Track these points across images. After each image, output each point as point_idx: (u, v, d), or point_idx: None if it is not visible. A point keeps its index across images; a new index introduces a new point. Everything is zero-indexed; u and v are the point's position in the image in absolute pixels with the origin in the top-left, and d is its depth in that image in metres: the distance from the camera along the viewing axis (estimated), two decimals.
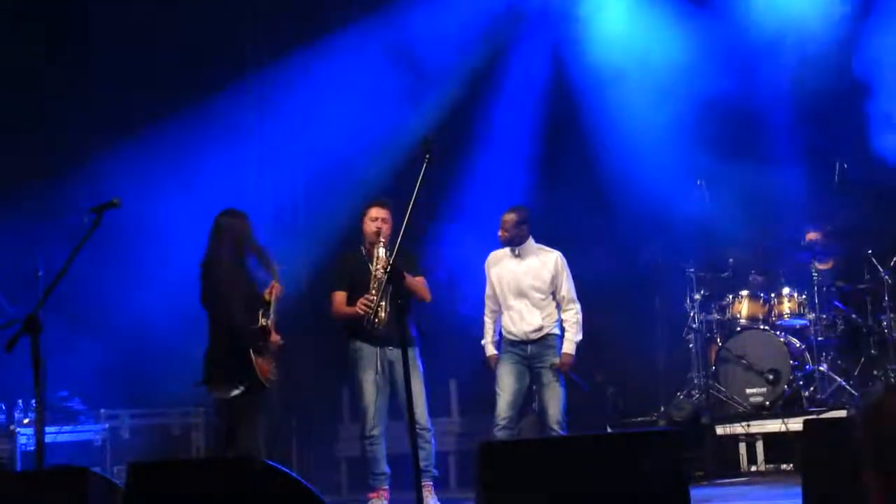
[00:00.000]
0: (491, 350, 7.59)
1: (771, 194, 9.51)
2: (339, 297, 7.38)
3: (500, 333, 7.60)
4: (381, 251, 7.16)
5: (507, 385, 7.39)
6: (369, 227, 7.32)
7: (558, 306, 7.50)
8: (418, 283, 7.35)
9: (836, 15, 9.43)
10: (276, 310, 6.90)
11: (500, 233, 7.56)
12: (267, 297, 6.88)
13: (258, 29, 10.56)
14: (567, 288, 7.49)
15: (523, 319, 7.44)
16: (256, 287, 6.95)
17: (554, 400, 7.35)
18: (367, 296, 7.15)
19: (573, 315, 7.46)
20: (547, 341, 7.43)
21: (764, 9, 9.63)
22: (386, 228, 7.26)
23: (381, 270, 7.03)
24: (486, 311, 7.65)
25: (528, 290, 7.46)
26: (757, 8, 9.67)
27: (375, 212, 7.34)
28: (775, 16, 9.57)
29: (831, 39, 9.36)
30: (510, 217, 7.54)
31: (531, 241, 7.57)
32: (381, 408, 7.29)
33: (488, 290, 7.64)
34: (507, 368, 7.44)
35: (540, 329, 7.43)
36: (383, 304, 6.99)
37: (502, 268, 7.58)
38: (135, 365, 9.29)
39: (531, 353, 7.44)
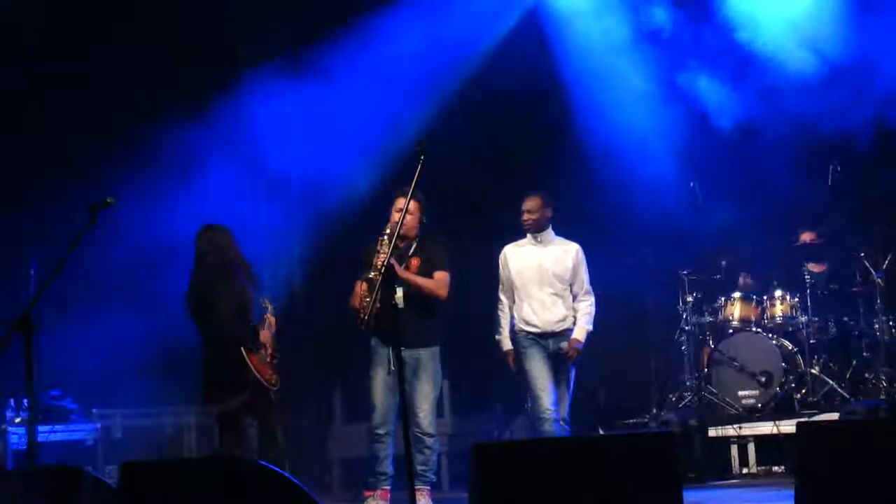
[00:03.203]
0: (507, 345, 7.43)
1: (764, 195, 9.52)
2: (358, 287, 7.08)
3: (513, 328, 7.43)
4: (385, 245, 6.92)
5: (543, 380, 7.20)
6: (392, 217, 7.10)
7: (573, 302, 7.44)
8: (438, 279, 7.05)
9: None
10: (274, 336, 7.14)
11: (523, 218, 7.45)
12: (262, 327, 7.11)
13: (257, 28, 10.58)
14: (585, 279, 7.45)
15: (547, 309, 7.34)
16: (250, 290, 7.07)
17: (565, 396, 7.29)
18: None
19: (588, 306, 7.42)
20: (565, 337, 7.34)
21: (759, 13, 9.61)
22: (409, 219, 7.01)
23: (376, 267, 6.85)
24: (500, 307, 7.49)
25: (551, 278, 7.36)
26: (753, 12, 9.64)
27: (400, 202, 7.06)
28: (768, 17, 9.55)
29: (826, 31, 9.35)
30: (534, 202, 7.43)
31: (551, 231, 7.51)
32: (390, 408, 7.04)
33: (503, 285, 7.52)
34: (539, 364, 7.27)
35: (563, 320, 7.34)
36: (369, 300, 6.73)
37: (523, 257, 7.46)
38: (128, 364, 9.26)
39: (552, 348, 7.33)
